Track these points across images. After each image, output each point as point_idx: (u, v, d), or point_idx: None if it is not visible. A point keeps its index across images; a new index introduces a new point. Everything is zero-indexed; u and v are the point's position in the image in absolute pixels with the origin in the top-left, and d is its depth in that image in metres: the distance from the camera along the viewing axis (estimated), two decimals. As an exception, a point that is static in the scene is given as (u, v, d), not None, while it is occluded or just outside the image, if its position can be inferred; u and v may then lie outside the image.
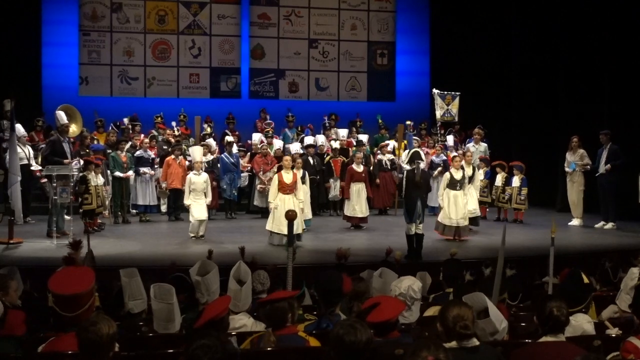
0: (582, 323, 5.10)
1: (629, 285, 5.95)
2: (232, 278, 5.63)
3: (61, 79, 17.71)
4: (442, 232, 12.22)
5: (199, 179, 12.22)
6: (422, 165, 11.28)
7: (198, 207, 12.04)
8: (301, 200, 11.69)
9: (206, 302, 5.51)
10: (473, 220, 12.76)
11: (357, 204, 13.55)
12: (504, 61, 18.15)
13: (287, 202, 11.34)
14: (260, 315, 4.90)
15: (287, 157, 12.15)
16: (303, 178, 12.44)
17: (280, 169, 12.47)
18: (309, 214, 12.71)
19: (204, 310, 4.55)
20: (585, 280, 5.60)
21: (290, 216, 5.65)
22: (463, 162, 12.70)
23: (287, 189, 11.48)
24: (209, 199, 12.40)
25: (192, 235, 11.96)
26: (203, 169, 12.68)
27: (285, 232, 11.18)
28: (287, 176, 11.57)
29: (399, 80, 20.17)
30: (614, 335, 5.05)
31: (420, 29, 20.08)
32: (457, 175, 12.26)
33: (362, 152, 14.85)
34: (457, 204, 12.11)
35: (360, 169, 13.81)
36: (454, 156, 13.01)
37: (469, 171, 12.69)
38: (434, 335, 4.09)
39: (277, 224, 11.28)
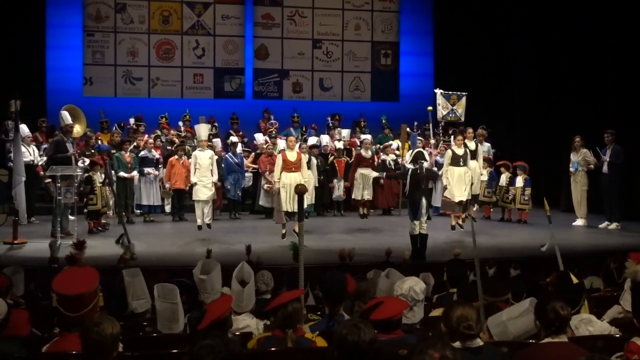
0: (603, 324, 5.11)
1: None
2: (235, 279, 5.63)
3: (65, 80, 17.72)
4: (450, 210, 12.24)
5: (204, 155, 12.35)
6: (426, 165, 11.27)
7: (201, 187, 12.16)
8: (306, 179, 11.73)
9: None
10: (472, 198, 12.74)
11: (365, 188, 13.59)
12: (508, 61, 18.14)
13: (294, 180, 11.39)
14: (272, 320, 4.91)
15: (292, 137, 12.25)
16: (309, 162, 12.34)
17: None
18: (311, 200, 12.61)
19: (207, 312, 4.55)
20: (575, 280, 5.59)
21: (300, 190, 5.66)
22: (466, 140, 12.72)
23: (291, 166, 11.50)
24: (216, 178, 12.51)
25: (199, 223, 12.05)
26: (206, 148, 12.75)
27: (290, 209, 11.36)
28: (291, 154, 11.63)
29: (402, 80, 20.17)
30: (617, 335, 5.04)
31: (424, 28, 20.08)
32: (459, 151, 12.27)
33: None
34: (461, 181, 12.11)
35: (368, 154, 13.81)
36: (455, 132, 13.02)
37: (471, 146, 12.68)
38: (437, 336, 4.09)
39: (287, 202, 11.38)
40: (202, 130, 13.00)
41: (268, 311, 5.08)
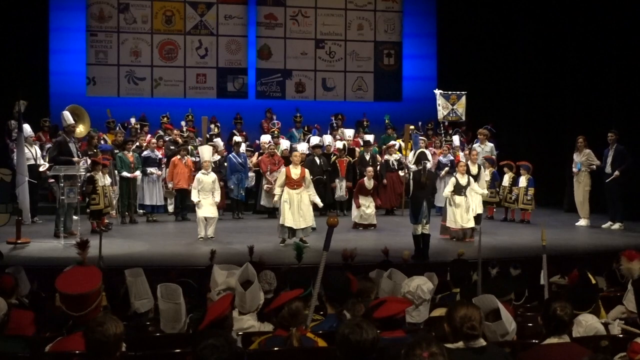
0: (594, 323, 5.09)
1: None
2: (238, 280, 5.63)
3: (68, 80, 17.72)
4: (449, 235, 12.23)
5: (208, 179, 12.10)
6: (429, 165, 11.27)
7: (205, 204, 11.97)
8: (310, 193, 11.68)
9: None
10: (476, 219, 12.70)
11: (367, 211, 13.59)
12: (511, 61, 18.13)
13: (296, 198, 11.38)
14: (275, 320, 4.91)
15: (297, 153, 12.15)
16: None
17: (288, 163, 12.44)
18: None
19: (207, 311, 4.55)
20: (592, 280, 5.59)
21: (332, 222, 5.71)
22: (469, 162, 12.69)
23: (294, 184, 11.47)
24: (218, 199, 12.27)
25: (201, 236, 11.94)
26: (211, 169, 12.61)
27: (295, 226, 11.36)
28: (295, 171, 11.56)
29: (405, 80, 20.13)
30: (620, 335, 5.03)
31: (427, 28, 20.03)
32: (463, 180, 12.18)
33: (370, 151, 14.86)
34: (462, 208, 12.07)
35: (370, 185, 13.75)
36: (460, 162, 13.00)
37: (474, 169, 12.64)
38: (441, 336, 4.09)
39: (289, 218, 11.37)
40: (206, 151, 12.75)
41: (270, 311, 5.08)
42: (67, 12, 17.97)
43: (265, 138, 15.94)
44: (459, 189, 12.13)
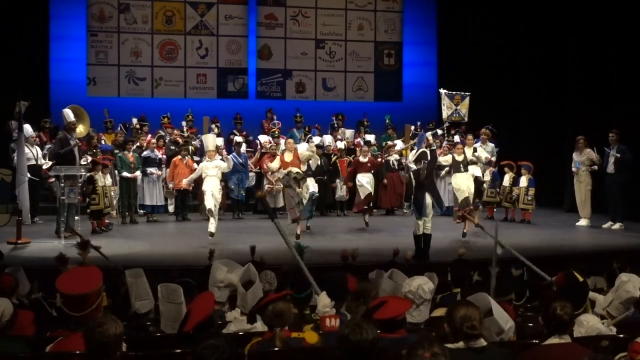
0: (595, 323, 5.07)
1: (622, 297, 5.66)
2: (240, 280, 5.63)
3: (69, 80, 17.72)
4: (458, 215, 12.36)
5: (210, 164, 12.05)
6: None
7: (209, 195, 11.87)
8: (303, 171, 11.91)
9: None
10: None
11: (364, 190, 13.67)
12: (513, 61, 18.12)
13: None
14: (263, 319, 4.89)
15: (290, 140, 12.51)
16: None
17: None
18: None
19: (190, 313, 4.51)
20: (580, 278, 5.56)
21: (260, 195, 5.80)
22: (465, 148, 12.78)
23: (288, 167, 11.83)
24: (229, 165, 12.33)
25: (211, 231, 11.81)
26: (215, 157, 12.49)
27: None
28: (288, 155, 12.08)
29: (406, 80, 20.13)
30: (621, 335, 5.02)
31: (427, 28, 20.04)
32: (459, 157, 12.45)
33: (370, 151, 14.88)
34: (464, 183, 12.23)
35: (365, 159, 13.86)
36: (456, 143, 13.11)
37: (469, 152, 12.73)
38: (441, 336, 4.09)
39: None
40: (210, 141, 12.58)
41: (255, 311, 5.05)
42: (68, 11, 17.95)
43: (264, 138, 15.94)
44: (456, 165, 12.31)
